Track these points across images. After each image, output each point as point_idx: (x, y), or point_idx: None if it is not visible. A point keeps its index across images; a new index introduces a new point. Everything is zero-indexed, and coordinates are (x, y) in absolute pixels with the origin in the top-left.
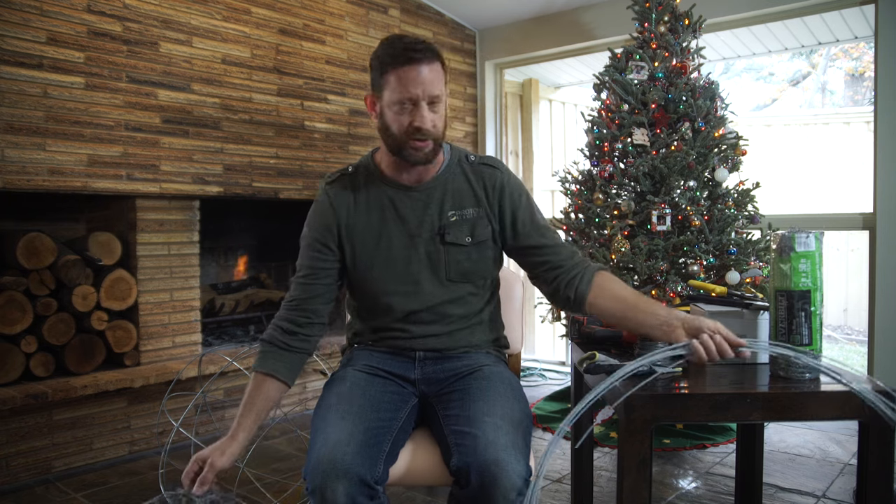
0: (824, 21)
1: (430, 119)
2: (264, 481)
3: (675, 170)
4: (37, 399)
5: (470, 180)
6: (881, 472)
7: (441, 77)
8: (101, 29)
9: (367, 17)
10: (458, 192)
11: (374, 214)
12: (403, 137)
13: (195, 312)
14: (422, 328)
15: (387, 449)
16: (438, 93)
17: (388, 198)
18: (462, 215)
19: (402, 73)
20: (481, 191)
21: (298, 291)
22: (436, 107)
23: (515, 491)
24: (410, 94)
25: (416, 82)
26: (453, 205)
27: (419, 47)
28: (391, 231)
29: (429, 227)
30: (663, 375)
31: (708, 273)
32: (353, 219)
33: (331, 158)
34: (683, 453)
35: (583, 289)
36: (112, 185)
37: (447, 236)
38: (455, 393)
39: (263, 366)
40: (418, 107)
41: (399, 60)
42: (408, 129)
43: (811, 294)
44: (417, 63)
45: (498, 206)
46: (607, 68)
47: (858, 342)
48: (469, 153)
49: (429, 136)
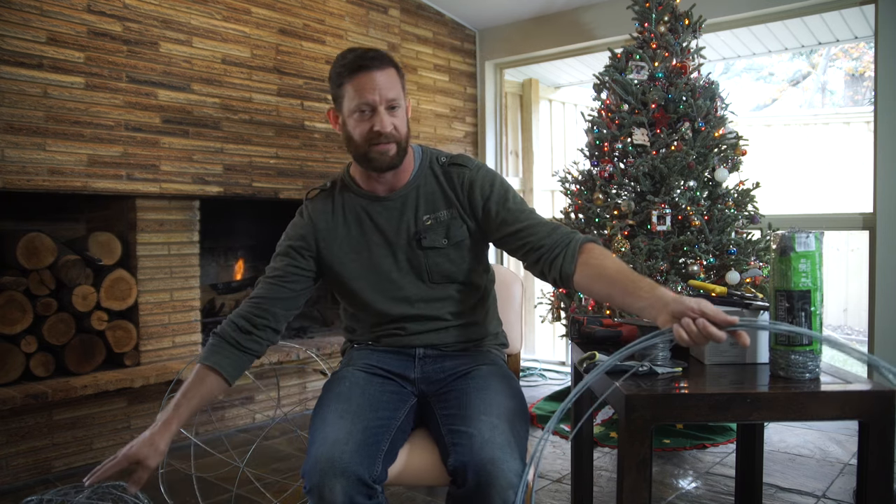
0: (824, 21)
1: (390, 122)
2: (264, 481)
3: (675, 170)
4: (37, 399)
5: (441, 182)
6: (881, 472)
7: (396, 82)
8: (101, 29)
9: (367, 17)
10: (430, 195)
11: (353, 227)
12: (365, 144)
13: (195, 312)
14: (418, 325)
15: (385, 448)
16: (395, 96)
17: (364, 209)
18: (436, 218)
19: (357, 82)
20: (451, 192)
21: (263, 291)
22: (395, 111)
23: (512, 489)
24: (367, 100)
25: (371, 88)
26: (427, 209)
27: (370, 55)
28: (370, 241)
29: (405, 234)
30: (664, 375)
31: (708, 273)
32: (332, 233)
33: (331, 158)
34: (683, 453)
35: (567, 268)
36: (112, 185)
37: (424, 241)
38: (452, 392)
39: (210, 359)
40: (377, 112)
41: (352, 69)
42: (368, 134)
43: (811, 294)
44: (369, 70)
45: (468, 202)
46: (607, 68)
47: (858, 342)
48: (441, 154)
49: (391, 138)
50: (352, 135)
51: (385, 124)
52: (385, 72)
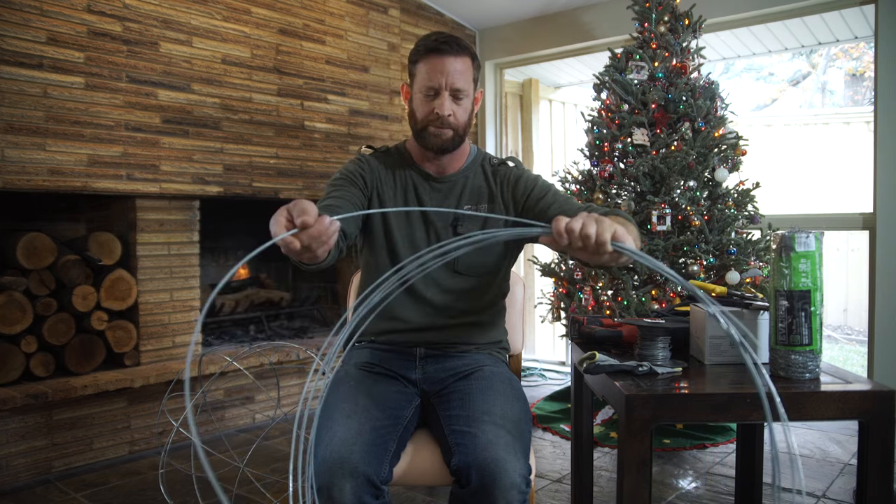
0: (824, 21)
1: (450, 108)
2: (264, 481)
3: (675, 170)
4: (37, 399)
5: (488, 178)
6: (881, 472)
7: (468, 72)
8: (101, 29)
9: (367, 17)
10: (476, 188)
11: (399, 193)
12: (424, 122)
13: (195, 312)
14: (423, 318)
15: (392, 449)
16: (462, 86)
17: (413, 182)
18: (477, 209)
19: (429, 63)
20: (497, 188)
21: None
22: (459, 101)
23: (516, 490)
24: (434, 83)
25: (440, 72)
26: (470, 199)
27: (449, 40)
28: (411, 214)
29: (444, 217)
30: (663, 375)
31: (708, 273)
32: (383, 187)
33: (331, 158)
34: (683, 453)
35: None
36: (112, 185)
37: (459, 227)
38: (455, 393)
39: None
40: (440, 95)
41: (427, 50)
42: (428, 115)
43: (811, 294)
44: (442, 54)
45: (511, 195)
46: (607, 68)
47: (858, 342)
48: (492, 157)
49: (447, 124)
50: (415, 111)
51: (445, 108)
52: (459, 59)
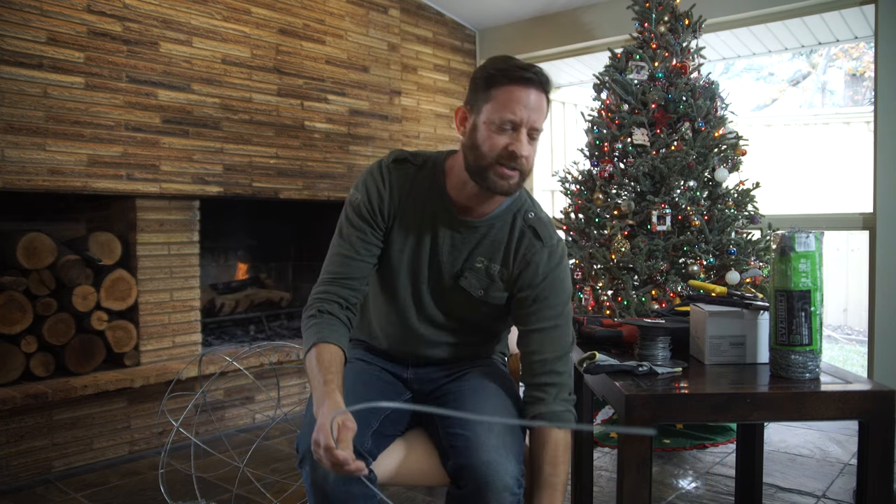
0: (824, 21)
1: (528, 149)
2: (264, 481)
3: (675, 170)
4: (37, 399)
5: (512, 238)
6: (881, 472)
7: (545, 111)
8: (101, 29)
9: (367, 17)
10: (496, 242)
11: (416, 220)
12: (493, 160)
13: (195, 312)
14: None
15: (375, 426)
16: (540, 126)
17: (433, 213)
18: (487, 268)
19: (512, 93)
20: (512, 254)
21: (343, 268)
22: (533, 141)
23: (508, 492)
24: (515, 116)
25: (523, 105)
26: (484, 252)
27: (535, 70)
28: (423, 244)
29: (451, 262)
30: (663, 375)
31: (708, 273)
32: (401, 215)
33: (331, 158)
34: (683, 453)
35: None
36: (112, 185)
37: (461, 280)
38: (449, 395)
39: (331, 337)
40: (518, 132)
41: (510, 78)
42: (501, 152)
43: (811, 294)
44: (529, 85)
45: (518, 271)
46: (607, 68)
47: (858, 342)
48: (533, 208)
49: (520, 167)
50: (480, 144)
51: (524, 148)
52: (542, 96)
